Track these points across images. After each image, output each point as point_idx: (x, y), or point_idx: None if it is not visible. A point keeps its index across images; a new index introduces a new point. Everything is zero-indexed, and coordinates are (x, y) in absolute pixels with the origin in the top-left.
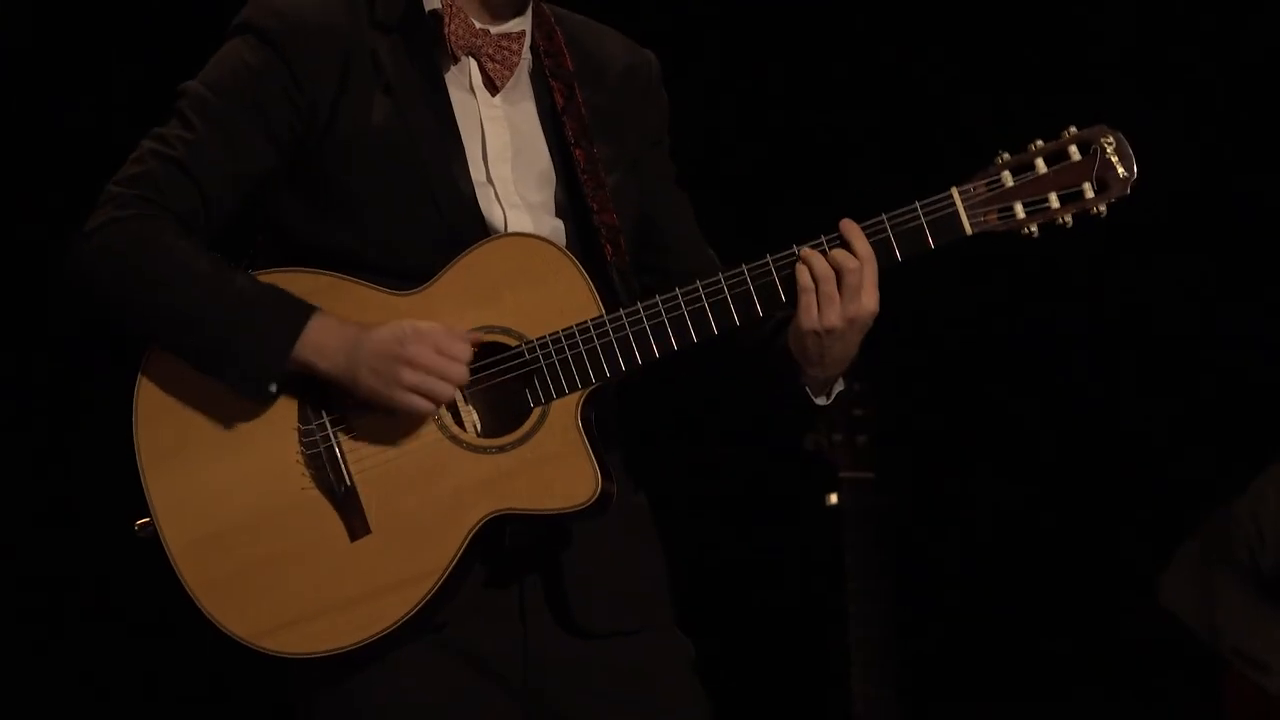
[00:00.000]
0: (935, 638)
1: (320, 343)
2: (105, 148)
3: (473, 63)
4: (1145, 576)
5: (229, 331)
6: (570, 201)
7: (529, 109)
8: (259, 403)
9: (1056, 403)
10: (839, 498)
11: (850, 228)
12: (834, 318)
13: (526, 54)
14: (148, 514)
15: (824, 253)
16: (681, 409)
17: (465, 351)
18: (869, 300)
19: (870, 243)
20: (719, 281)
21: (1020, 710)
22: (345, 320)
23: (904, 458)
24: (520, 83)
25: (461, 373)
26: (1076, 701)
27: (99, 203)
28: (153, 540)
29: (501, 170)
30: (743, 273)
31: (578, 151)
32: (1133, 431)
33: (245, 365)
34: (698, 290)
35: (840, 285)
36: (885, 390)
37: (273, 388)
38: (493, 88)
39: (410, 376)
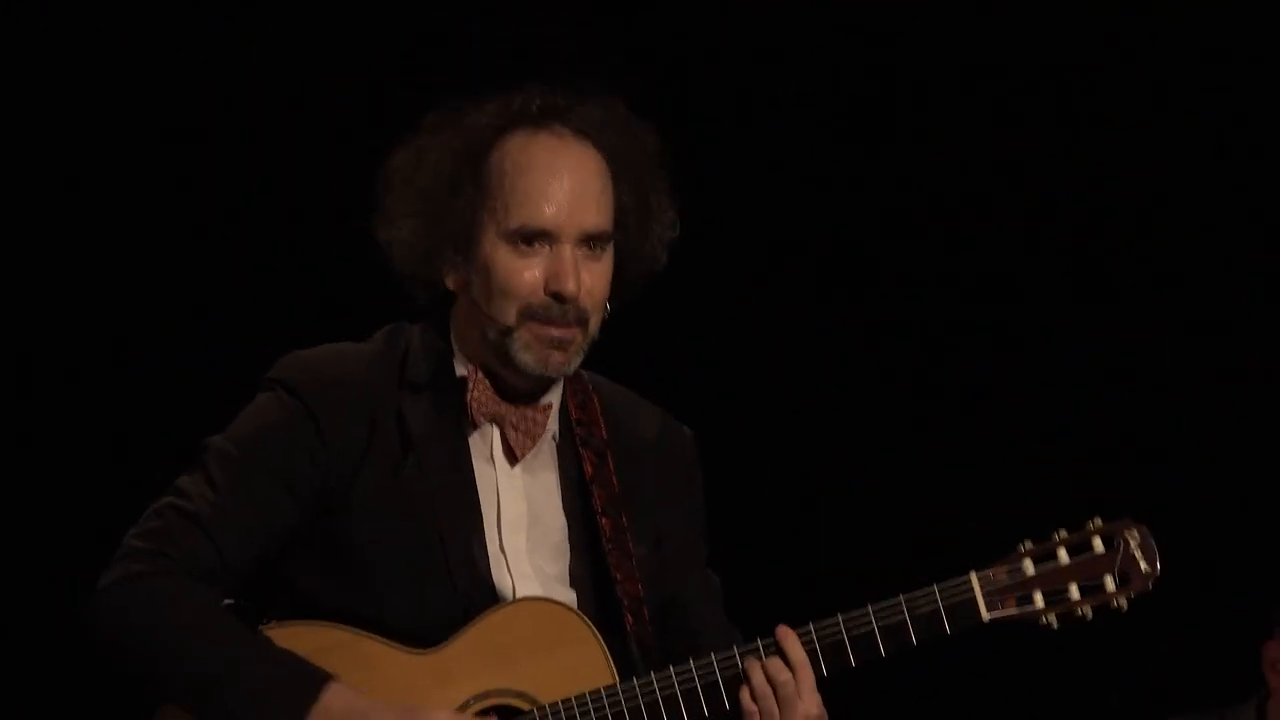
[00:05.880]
0: None
1: (331, 713)
2: None
3: (495, 431)
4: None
5: (242, 701)
6: (590, 571)
7: (549, 479)
8: None
9: None
10: None
11: (784, 635)
12: None
13: (553, 424)
14: None
15: (763, 661)
16: None
17: None
18: (806, 706)
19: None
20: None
21: None
22: (358, 693)
23: None
24: (543, 452)
25: None
26: None
27: (116, 557)
28: None
29: (515, 540)
30: (695, 668)
31: (604, 520)
32: None
33: None
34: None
35: (777, 698)
36: None
37: None
38: (512, 458)
39: None
